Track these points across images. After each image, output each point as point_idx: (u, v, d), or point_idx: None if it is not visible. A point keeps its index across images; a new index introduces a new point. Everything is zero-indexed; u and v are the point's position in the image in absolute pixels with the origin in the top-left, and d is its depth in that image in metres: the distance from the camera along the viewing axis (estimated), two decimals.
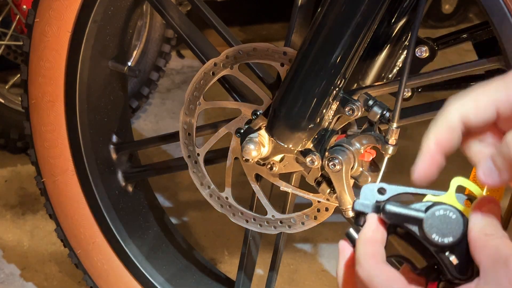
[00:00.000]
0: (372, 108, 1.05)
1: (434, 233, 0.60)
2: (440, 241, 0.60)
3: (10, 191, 2.05)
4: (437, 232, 0.60)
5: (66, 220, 1.45)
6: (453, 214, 0.60)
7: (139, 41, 2.26)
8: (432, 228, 0.60)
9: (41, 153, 1.43)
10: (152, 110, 2.51)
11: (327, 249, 1.84)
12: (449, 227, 0.60)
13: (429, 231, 0.60)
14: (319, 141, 1.09)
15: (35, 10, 1.33)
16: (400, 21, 1.17)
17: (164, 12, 1.25)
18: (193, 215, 1.97)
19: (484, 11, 0.97)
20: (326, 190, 1.12)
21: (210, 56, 1.20)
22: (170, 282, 1.43)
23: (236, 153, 1.18)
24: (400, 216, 0.62)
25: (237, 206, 1.22)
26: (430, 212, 0.61)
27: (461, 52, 2.64)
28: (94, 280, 1.46)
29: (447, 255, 0.60)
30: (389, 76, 1.22)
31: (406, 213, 0.62)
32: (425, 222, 0.61)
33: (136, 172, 1.46)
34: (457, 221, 0.60)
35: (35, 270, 1.76)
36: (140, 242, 1.45)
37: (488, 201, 0.61)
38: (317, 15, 1.04)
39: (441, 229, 0.60)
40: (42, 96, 1.38)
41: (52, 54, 1.34)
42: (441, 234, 0.60)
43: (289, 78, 1.07)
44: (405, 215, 0.62)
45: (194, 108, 1.19)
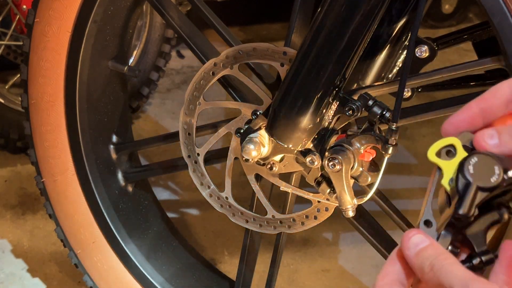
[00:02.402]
0: (372, 108, 1.05)
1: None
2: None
3: (10, 191, 2.05)
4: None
5: (66, 220, 1.45)
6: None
7: (139, 41, 2.26)
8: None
9: (41, 153, 1.43)
10: (152, 110, 2.51)
11: (327, 249, 1.84)
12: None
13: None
14: (319, 141, 1.09)
15: (35, 10, 1.33)
16: (400, 21, 1.17)
17: (164, 12, 1.25)
18: (193, 215, 1.97)
19: (484, 11, 0.97)
20: (326, 190, 1.12)
21: (210, 56, 1.20)
22: (170, 282, 1.43)
23: (236, 153, 1.18)
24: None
25: (237, 206, 1.22)
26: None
27: (461, 52, 2.64)
28: (94, 280, 1.46)
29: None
30: (389, 76, 1.22)
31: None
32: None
33: (136, 172, 1.46)
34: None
35: (35, 270, 1.76)
36: (140, 242, 1.45)
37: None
38: (317, 15, 1.04)
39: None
40: (42, 96, 1.38)
41: (52, 54, 1.34)
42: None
43: (289, 78, 1.07)
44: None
45: (194, 108, 1.19)
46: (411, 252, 0.62)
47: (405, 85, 0.97)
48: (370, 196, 1.12)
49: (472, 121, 0.64)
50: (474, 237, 0.63)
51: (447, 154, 0.65)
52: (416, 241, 0.62)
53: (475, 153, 0.62)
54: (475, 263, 0.63)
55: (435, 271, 0.59)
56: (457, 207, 0.61)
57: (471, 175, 0.62)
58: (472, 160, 0.62)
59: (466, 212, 0.61)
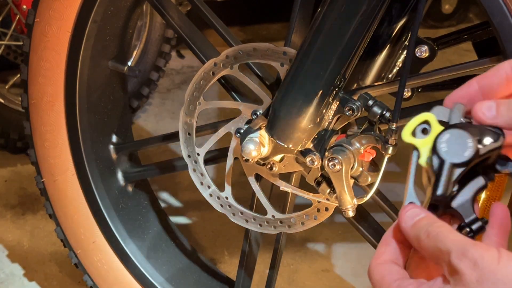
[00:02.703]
0: (372, 108, 1.05)
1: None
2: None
3: (10, 191, 2.05)
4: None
5: (66, 220, 1.45)
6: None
7: (139, 41, 2.26)
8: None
9: (41, 153, 1.43)
10: (152, 110, 2.51)
11: (327, 249, 1.84)
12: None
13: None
14: (319, 141, 1.09)
15: (35, 10, 1.33)
16: (400, 21, 1.17)
17: (164, 12, 1.25)
18: (193, 215, 1.97)
19: (484, 11, 0.97)
20: (326, 190, 1.12)
21: (210, 56, 1.20)
22: (170, 282, 1.43)
23: (236, 153, 1.18)
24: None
25: (237, 206, 1.22)
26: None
27: (461, 52, 2.64)
28: (94, 280, 1.46)
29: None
30: (389, 76, 1.22)
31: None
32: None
33: (136, 172, 1.46)
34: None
35: (35, 270, 1.76)
36: (140, 242, 1.45)
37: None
38: (317, 15, 1.04)
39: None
40: (42, 96, 1.38)
41: (52, 54, 1.34)
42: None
43: (289, 78, 1.07)
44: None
45: (194, 108, 1.19)
46: (408, 225, 0.63)
47: (405, 85, 0.97)
48: (370, 196, 1.11)
49: (472, 97, 0.65)
50: (461, 208, 0.64)
51: (422, 132, 0.65)
52: (412, 214, 0.63)
53: (448, 129, 0.63)
54: (463, 233, 0.63)
55: (431, 237, 0.60)
56: (434, 189, 0.62)
57: (444, 153, 0.62)
58: (444, 137, 0.63)
59: (443, 193, 0.62)
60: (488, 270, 0.57)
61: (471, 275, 0.57)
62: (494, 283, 0.56)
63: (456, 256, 0.58)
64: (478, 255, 0.58)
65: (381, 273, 0.64)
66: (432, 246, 0.61)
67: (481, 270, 0.57)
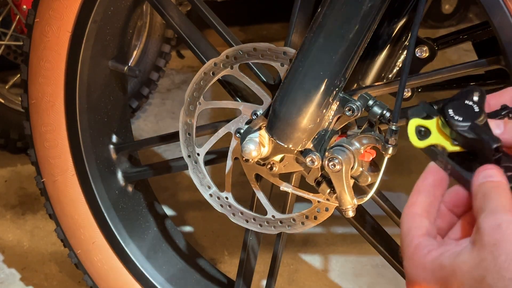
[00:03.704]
0: (372, 108, 1.05)
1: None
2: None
3: (10, 191, 2.05)
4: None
5: (66, 220, 1.45)
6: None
7: (139, 41, 2.26)
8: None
9: (41, 153, 1.43)
10: (152, 110, 2.51)
11: (327, 249, 1.84)
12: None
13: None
14: (319, 141, 1.09)
15: (35, 10, 1.33)
16: (400, 21, 1.17)
17: (164, 12, 1.25)
18: (193, 215, 1.97)
19: (484, 11, 0.97)
20: (326, 190, 1.12)
21: (210, 56, 1.20)
22: (170, 282, 1.43)
23: (236, 153, 1.18)
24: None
25: (237, 206, 1.22)
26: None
27: (461, 52, 2.64)
28: (94, 280, 1.46)
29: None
30: (389, 76, 1.22)
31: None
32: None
33: (136, 172, 1.46)
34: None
35: (35, 270, 1.76)
36: (140, 242, 1.45)
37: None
38: (317, 15, 1.04)
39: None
40: (42, 96, 1.38)
41: (52, 54, 1.34)
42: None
43: (289, 78, 1.07)
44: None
45: (194, 108, 1.19)
46: (478, 181, 0.62)
47: (405, 85, 0.97)
48: (370, 196, 1.11)
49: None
50: (508, 161, 0.64)
51: (420, 133, 0.67)
52: (488, 173, 0.62)
53: (444, 107, 0.65)
54: None
55: (484, 198, 0.60)
56: (488, 145, 0.63)
57: (465, 121, 0.64)
58: (451, 112, 0.64)
59: (497, 141, 0.63)
60: (509, 237, 0.55)
61: (490, 236, 0.56)
62: (509, 252, 0.54)
63: (485, 215, 0.57)
64: (505, 219, 0.56)
65: (409, 224, 0.63)
66: (478, 206, 0.60)
67: (502, 234, 0.55)
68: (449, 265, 0.57)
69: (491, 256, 0.55)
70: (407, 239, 0.62)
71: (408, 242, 0.62)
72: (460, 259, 0.57)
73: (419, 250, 0.60)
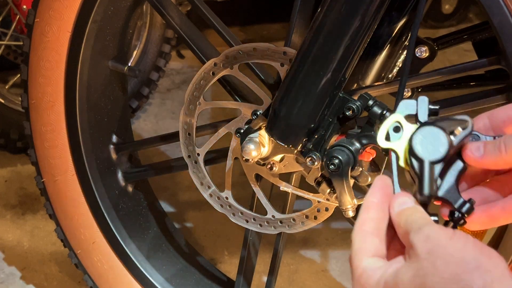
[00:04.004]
0: (372, 108, 1.05)
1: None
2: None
3: (10, 191, 2.05)
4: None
5: (66, 220, 1.45)
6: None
7: (139, 41, 2.26)
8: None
9: (41, 153, 1.43)
10: (152, 110, 2.51)
11: (327, 249, 1.84)
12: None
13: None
14: (319, 141, 1.09)
15: (35, 10, 1.33)
16: (400, 21, 1.17)
17: (164, 12, 1.25)
18: (193, 215, 1.97)
19: (484, 11, 0.97)
20: (326, 190, 1.12)
21: (210, 56, 1.20)
22: (170, 282, 1.43)
23: (236, 153, 1.18)
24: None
25: (237, 206, 1.22)
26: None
27: (461, 52, 2.63)
28: (94, 280, 1.46)
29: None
30: (389, 76, 1.22)
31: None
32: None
33: (136, 172, 1.46)
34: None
35: (35, 270, 1.76)
36: (140, 242, 1.45)
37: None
38: (317, 15, 1.04)
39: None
40: (42, 96, 1.38)
41: (52, 54, 1.34)
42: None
43: (289, 78, 1.07)
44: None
45: (194, 108, 1.19)
46: (394, 211, 0.66)
47: (405, 85, 0.97)
48: None
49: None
50: (448, 195, 0.66)
51: (395, 130, 0.67)
52: (401, 201, 0.66)
53: (419, 129, 0.65)
54: (456, 217, 0.66)
55: (407, 223, 0.63)
56: (420, 190, 0.65)
57: (421, 153, 0.65)
58: (418, 138, 0.65)
59: (429, 192, 0.65)
60: (440, 244, 0.59)
61: (422, 247, 0.59)
62: (444, 255, 0.58)
63: (413, 233, 0.61)
64: (431, 231, 0.60)
65: (358, 245, 0.65)
66: (404, 231, 0.63)
67: (432, 243, 0.59)
68: (392, 282, 0.61)
69: (427, 263, 0.59)
70: (355, 260, 0.64)
71: (356, 264, 0.64)
72: (400, 272, 0.60)
73: (366, 272, 0.63)
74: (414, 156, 0.65)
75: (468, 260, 0.57)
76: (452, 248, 0.58)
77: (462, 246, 0.58)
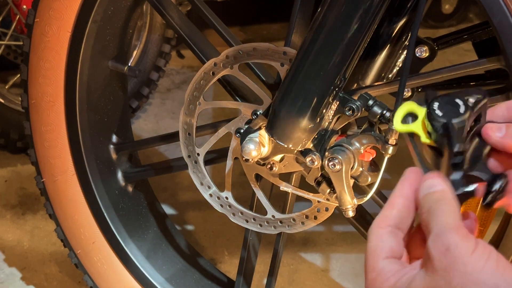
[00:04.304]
0: (372, 108, 1.05)
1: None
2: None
3: (10, 191, 2.05)
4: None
5: (66, 220, 1.45)
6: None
7: (139, 41, 2.26)
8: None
9: (41, 153, 1.43)
10: (152, 110, 2.51)
11: (327, 249, 1.84)
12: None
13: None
14: (319, 141, 1.09)
15: (35, 10, 1.33)
16: (400, 21, 1.17)
17: (164, 12, 1.25)
18: (193, 215, 1.97)
19: (484, 11, 0.97)
20: (326, 190, 1.12)
21: (210, 56, 1.20)
22: (170, 282, 1.43)
23: (236, 153, 1.18)
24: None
25: (237, 206, 1.22)
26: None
27: (461, 52, 2.63)
28: (94, 280, 1.46)
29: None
30: (389, 76, 1.22)
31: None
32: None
33: (136, 172, 1.46)
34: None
35: (35, 270, 1.76)
36: (140, 242, 1.45)
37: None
38: (317, 15, 1.04)
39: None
40: (42, 96, 1.38)
41: (52, 54, 1.34)
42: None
43: (289, 78, 1.07)
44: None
45: (194, 108, 1.19)
46: (421, 193, 0.61)
47: (405, 85, 0.97)
48: (370, 196, 1.12)
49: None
50: (477, 169, 0.64)
51: (408, 117, 0.67)
52: (429, 184, 0.61)
53: (434, 99, 0.65)
54: (490, 198, 0.63)
55: (430, 213, 0.59)
56: (451, 146, 0.63)
57: (443, 117, 0.64)
58: (435, 105, 0.65)
59: (461, 147, 0.63)
60: (459, 260, 0.55)
61: (440, 261, 0.56)
62: (462, 275, 0.54)
63: (432, 239, 0.57)
64: (452, 241, 0.56)
65: (375, 243, 0.62)
66: (425, 222, 0.59)
67: (451, 258, 0.55)
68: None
69: (443, 281, 0.55)
70: (371, 260, 0.61)
71: (372, 264, 0.61)
72: (414, 284, 0.57)
73: (381, 276, 0.60)
74: (436, 121, 0.63)
75: (486, 284, 0.53)
76: (471, 266, 0.54)
77: (483, 265, 0.55)
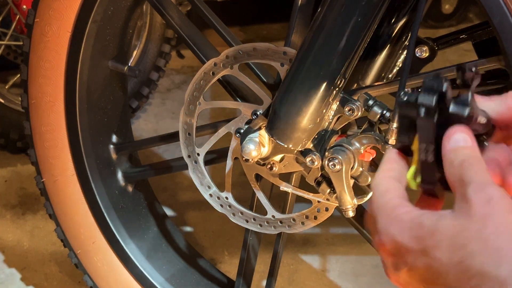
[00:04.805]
0: (372, 108, 1.05)
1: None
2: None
3: (10, 191, 2.05)
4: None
5: (66, 220, 1.45)
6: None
7: (139, 41, 2.26)
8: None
9: (41, 153, 1.43)
10: (152, 110, 2.51)
11: (327, 249, 1.84)
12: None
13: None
14: (319, 141, 1.09)
15: (35, 10, 1.33)
16: (400, 21, 1.17)
17: (164, 12, 1.25)
18: (193, 215, 1.97)
19: (484, 11, 0.97)
20: (326, 190, 1.12)
21: (210, 56, 1.20)
22: (170, 282, 1.43)
23: (236, 153, 1.18)
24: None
25: (237, 206, 1.22)
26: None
27: (461, 52, 2.63)
28: (94, 280, 1.46)
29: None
30: (389, 76, 1.22)
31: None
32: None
33: (136, 172, 1.46)
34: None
35: (35, 270, 1.76)
36: (140, 242, 1.45)
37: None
38: (317, 15, 1.04)
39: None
40: (42, 96, 1.38)
41: (52, 54, 1.34)
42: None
43: (289, 78, 1.07)
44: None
45: (194, 108, 1.19)
46: (450, 146, 0.61)
47: (405, 85, 0.97)
48: (370, 196, 1.11)
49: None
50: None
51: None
52: (459, 138, 0.61)
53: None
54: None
55: (463, 167, 0.59)
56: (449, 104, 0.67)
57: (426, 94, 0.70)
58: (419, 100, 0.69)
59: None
60: (499, 213, 0.55)
61: (481, 208, 0.55)
62: (498, 225, 0.54)
63: (474, 188, 0.57)
64: (495, 194, 0.56)
65: (386, 186, 0.62)
66: (457, 175, 0.59)
67: (491, 208, 0.55)
68: (429, 225, 0.57)
69: (477, 226, 0.55)
70: (384, 198, 0.62)
71: (386, 200, 0.61)
72: (442, 222, 0.57)
73: (399, 208, 0.60)
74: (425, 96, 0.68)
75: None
76: (508, 225, 0.54)
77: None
